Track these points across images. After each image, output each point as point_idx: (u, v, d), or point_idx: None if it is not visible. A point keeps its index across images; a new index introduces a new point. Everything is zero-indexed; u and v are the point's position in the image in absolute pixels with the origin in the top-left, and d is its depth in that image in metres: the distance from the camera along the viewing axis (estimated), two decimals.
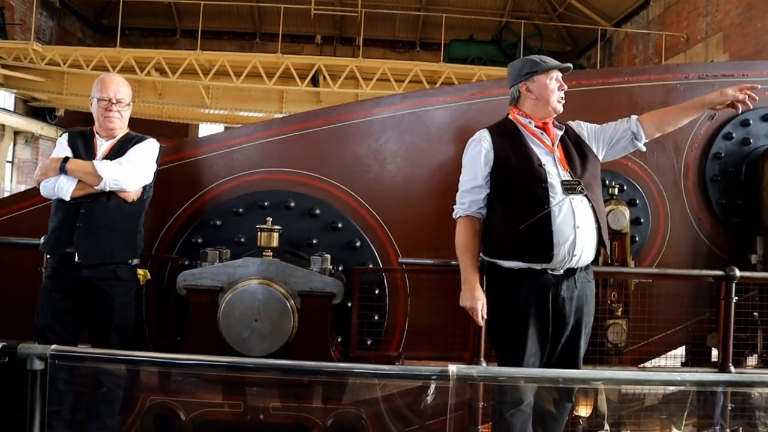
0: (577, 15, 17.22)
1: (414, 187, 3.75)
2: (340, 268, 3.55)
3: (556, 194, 2.69)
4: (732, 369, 3.46)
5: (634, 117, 2.94)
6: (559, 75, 2.85)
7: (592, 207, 2.73)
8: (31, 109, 16.10)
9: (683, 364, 3.92)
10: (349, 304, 3.49)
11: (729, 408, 3.43)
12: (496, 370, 2.70)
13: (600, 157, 2.93)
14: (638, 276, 3.65)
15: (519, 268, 2.72)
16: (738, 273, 3.45)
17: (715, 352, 3.81)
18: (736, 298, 3.47)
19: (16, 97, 15.59)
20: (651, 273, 3.74)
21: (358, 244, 3.66)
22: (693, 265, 3.86)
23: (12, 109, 15.56)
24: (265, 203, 3.64)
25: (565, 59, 3.57)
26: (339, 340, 3.47)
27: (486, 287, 2.84)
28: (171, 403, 3.06)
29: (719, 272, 3.52)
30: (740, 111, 2.92)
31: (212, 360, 2.33)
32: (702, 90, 3.87)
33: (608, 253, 2.80)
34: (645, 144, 2.95)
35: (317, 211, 3.67)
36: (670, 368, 3.49)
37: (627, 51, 16.43)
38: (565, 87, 2.85)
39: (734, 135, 3.98)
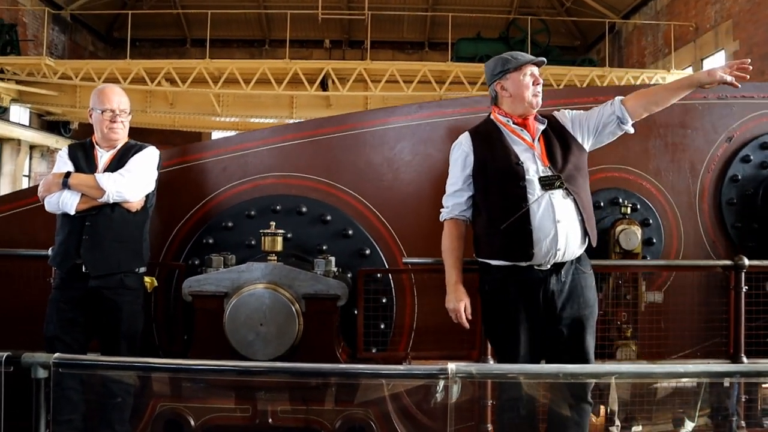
0: (584, 9, 17.12)
1: (426, 196, 3.74)
2: (349, 275, 3.55)
3: (534, 191, 2.69)
4: (744, 359, 3.41)
5: (617, 99, 2.87)
6: (535, 69, 2.83)
7: (574, 200, 2.71)
8: (46, 123, 16.36)
9: None
10: (355, 312, 3.49)
11: (743, 399, 3.40)
12: (494, 367, 2.70)
13: (587, 146, 2.90)
14: (644, 268, 3.60)
15: (506, 266, 2.74)
16: (747, 262, 3.40)
17: None
18: (746, 287, 3.42)
19: (31, 112, 15.86)
20: (660, 265, 3.70)
21: (367, 252, 3.66)
22: (706, 290, 3.75)
23: (27, 123, 15.83)
24: (277, 207, 3.65)
25: (574, 54, 3.51)
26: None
27: (479, 286, 2.87)
28: (180, 409, 3.08)
29: (728, 262, 3.48)
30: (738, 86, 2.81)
31: (222, 365, 2.36)
32: (720, 111, 3.86)
33: (593, 244, 2.75)
34: (633, 126, 2.88)
35: (328, 218, 3.67)
36: (678, 361, 3.44)
37: (636, 43, 16.29)
38: (541, 81, 2.82)
39: (752, 158, 3.87)
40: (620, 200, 3.72)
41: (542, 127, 2.84)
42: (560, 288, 2.72)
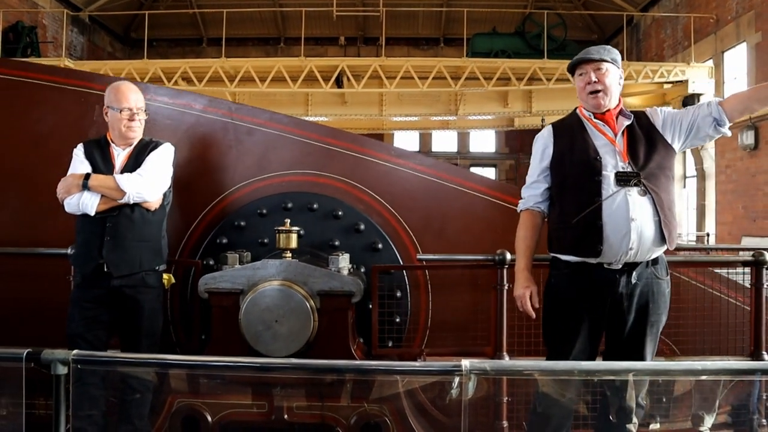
0: (602, 2, 16.92)
1: (438, 190, 3.73)
2: (362, 269, 3.57)
3: (609, 186, 2.64)
4: (766, 356, 3.37)
5: (714, 101, 2.77)
6: (591, 67, 2.75)
7: (652, 199, 2.64)
8: None
9: None
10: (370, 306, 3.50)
11: (765, 397, 3.34)
12: (509, 363, 2.69)
13: (677, 146, 2.80)
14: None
15: (575, 262, 2.70)
16: None
17: None
18: (767, 284, 3.37)
19: None
20: (678, 261, 3.65)
21: (380, 246, 3.66)
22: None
23: None
24: (289, 205, 3.67)
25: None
26: (361, 340, 3.49)
27: (548, 280, 2.84)
28: (197, 405, 3.11)
29: (749, 257, 3.43)
30: None
31: (238, 361, 2.37)
32: None
33: (671, 248, 2.68)
34: (729, 128, 2.78)
35: (340, 213, 3.68)
36: (696, 357, 3.40)
37: (655, 36, 16.08)
38: (594, 79, 2.73)
39: None
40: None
41: (627, 122, 2.78)
42: (630, 291, 2.65)
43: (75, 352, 2.05)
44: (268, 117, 3.81)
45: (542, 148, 2.87)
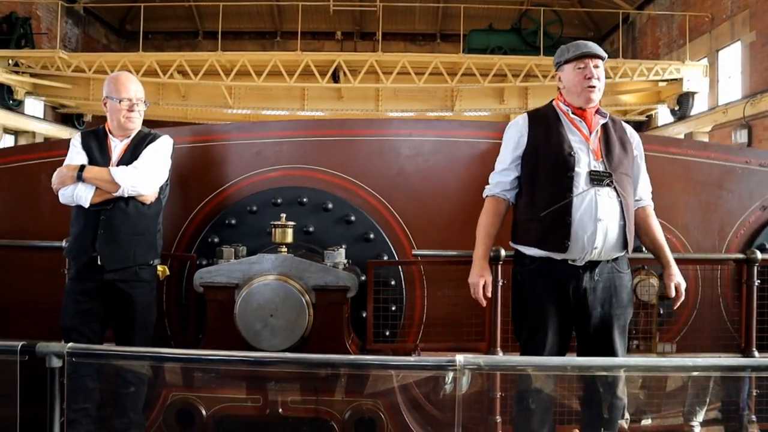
0: None
1: (430, 178, 3.74)
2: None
3: (581, 184, 2.65)
4: (756, 354, 3.40)
5: (644, 202, 2.88)
6: (592, 62, 2.75)
7: (620, 202, 2.67)
8: (60, 115, 16.49)
9: None
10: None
11: (755, 393, 3.38)
12: (503, 359, 2.71)
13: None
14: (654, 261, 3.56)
15: (539, 257, 2.72)
16: (759, 255, 3.39)
17: None
18: (758, 281, 3.40)
19: (45, 105, 15.98)
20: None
21: (371, 236, 3.67)
22: (713, 349, 3.65)
23: (42, 116, 15.96)
24: (278, 200, 3.67)
25: None
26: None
27: (512, 274, 2.86)
28: (192, 399, 3.12)
29: (740, 255, 3.46)
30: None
31: (233, 355, 2.39)
32: (760, 178, 3.77)
33: (629, 251, 2.74)
34: None
35: (330, 206, 3.68)
36: (687, 354, 3.43)
37: (650, 34, 16.12)
38: (594, 74, 2.74)
39: None
40: (642, 250, 3.57)
41: (603, 121, 2.80)
42: (593, 286, 2.69)
43: (70, 345, 2.06)
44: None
45: (517, 136, 2.83)
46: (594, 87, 2.75)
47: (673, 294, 2.78)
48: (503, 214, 2.87)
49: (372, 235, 3.66)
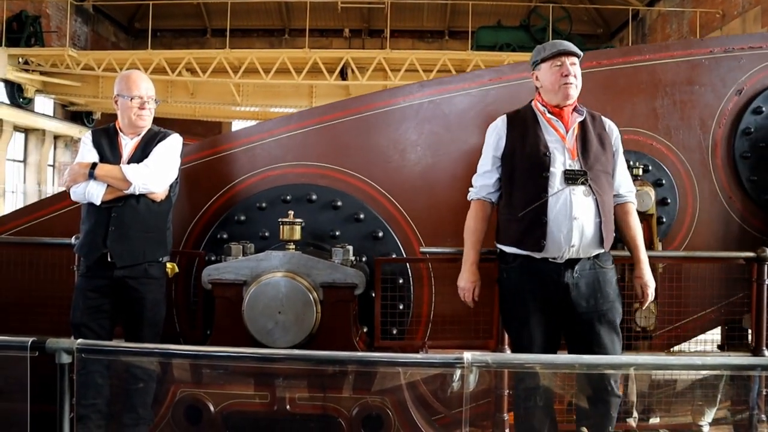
0: None
1: (435, 175, 3.73)
2: (363, 259, 3.58)
3: (556, 184, 2.68)
4: (766, 353, 3.37)
5: (623, 198, 2.88)
6: (568, 60, 2.77)
7: (595, 200, 2.69)
8: (70, 113, 16.61)
9: (720, 348, 3.83)
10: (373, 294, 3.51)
11: (765, 393, 3.35)
12: (511, 356, 2.71)
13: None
14: (666, 260, 3.56)
15: (521, 256, 2.76)
16: None
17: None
18: None
19: (55, 103, 16.10)
20: (679, 256, 3.65)
21: (380, 234, 3.67)
22: (724, 245, 3.72)
23: (51, 114, 16.08)
24: (288, 197, 3.67)
25: (596, 42, 3.44)
26: (365, 329, 3.50)
27: (498, 275, 2.90)
28: (200, 395, 3.13)
29: (751, 254, 3.43)
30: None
31: (241, 352, 2.39)
32: (728, 64, 3.76)
33: (606, 249, 2.76)
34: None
35: (339, 203, 3.69)
36: (696, 353, 3.41)
37: (660, 30, 16.00)
38: (571, 72, 2.76)
39: (764, 109, 3.78)
40: (631, 162, 3.60)
41: (579, 119, 2.81)
42: (575, 282, 2.71)
43: (79, 341, 2.07)
44: None
45: (496, 138, 2.87)
46: (571, 84, 2.76)
47: (640, 295, 2.84)
48: (489, 216, 2.93)
49: (381, 234, 3.66)
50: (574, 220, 2.66)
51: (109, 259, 3.07)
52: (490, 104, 3.66)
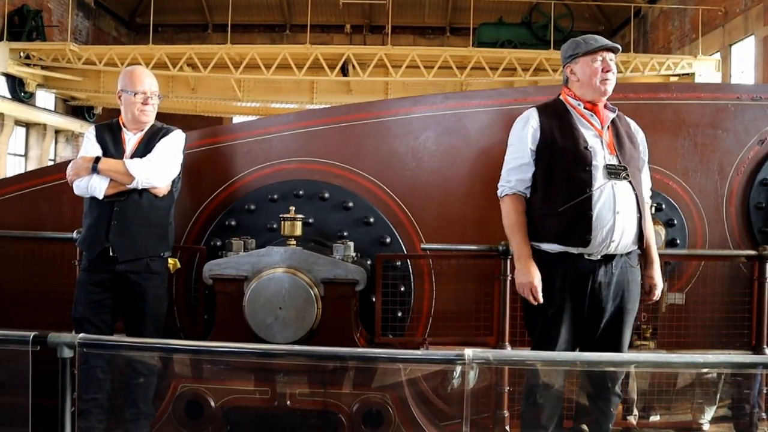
0: None
1: (449, 186, 3.72)
2: (369, 262, 3.57)
3: (599, 178, 2.66)
4: (767, 351, 3.38)
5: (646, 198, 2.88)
6: (608, 55, 2.76)
7: (636, 194, 2.69)
8: (71, 108, 16.58)
9: None
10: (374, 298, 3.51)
11: (765, 391, 3.36)
12: (511, 353, 2.71)
13: None
14: (668, 257, 3.55)
15: (556, 252, 2.70)
16: None
17: None
18: None
19: (56, 97, 16.08)
20: (680, 254, 3.65)
21: (388, 240, 3.66)
22: (728, 293, 3.65)
23: (53, 108, 16.05)
24: (300, 192, 3.66)
25: None
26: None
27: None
28: (201, 390, 3.14)
29: (752, 252, 3.44)
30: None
31: (241, 347, 2.39)
32: (754, 112, 3.73)
33: (642, 241, 2.75)
34: None
35: (350, 204, 3.66)
36: (697, 351, 3.41)
37: (662, 28, 15.98)
38: (612, 68, 2.75)
39: None
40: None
41: (612, 116, 2.80)
42: (608, 280, 2.69)
43: (81, 335, 2.07)
44: None
45: (531, 130, 2.79)
46: (610, 80, 2.76)
47: (647, 292, 2.84)
48: (526, 210, 2.83)
49: (388, 239, 3.65)
50: (617, 215, 2.64)
51: (111, 254, 3.08)
52: (511, 123, 3.63)
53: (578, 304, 2.70)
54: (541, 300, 2.70)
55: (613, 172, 2.66)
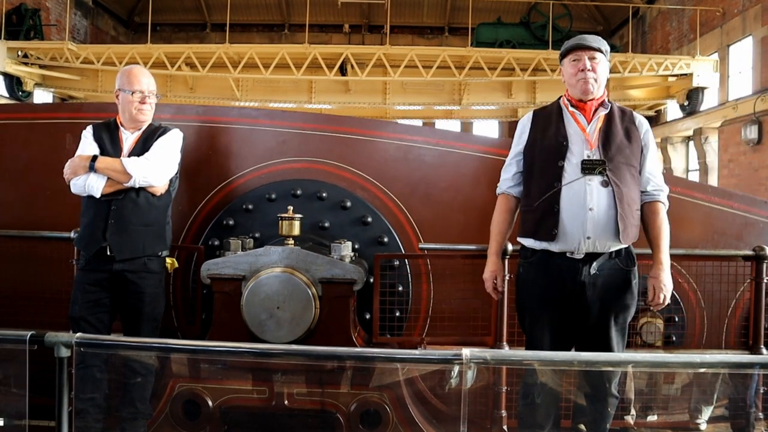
0: None
1: (444, 186, 3.74)
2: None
3: (570, 173, 2.67)
4: (764, 351, 3.38)
5: (652, 197, 2.81)
6: (585, 54, 2.76)
7: (613, 190, 2.66)
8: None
9: None
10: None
11: (762, 391, 3.36)
12: (509, 353, 2.71)
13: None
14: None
15: (540, 250, 2.73)
16: None
17: None
18: (767, 278, 3.38)
19: (54, 96, 16.03)
20: (678, 254, 3.64)
21: (386, 239, 3.66)
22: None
23: None
24: (298, 192, 3.67)
25: None
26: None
27: (518, 269, 2.89)
28: (198, 390, 3.14)
29: (749, 252, 3.44)
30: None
31: (239, 347, 2.39)
32: None
33: (623, 242, 2.68)
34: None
35: (348, 204, 3.67)
36: (694, 350, 3.41)
37: (660, 28, 15.99)
38: (588, 66, 2.74)
39: None
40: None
41: (604, 112, 2.80)
42: (592, 281, 2.68)
43: (78, 335, 2.07)
44: None
45: (520, 133, 2.92)
46: (586, 78, 2.75)
47: (651, 296, 2.76)
48: (514, 210, 2.92)
49: (386, 239, 3.66)
50: (589, 211, 2.64)
51: (108, 253, 3.08)
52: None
53: (562, 303, 2.72)
54: (496, 297, 2.95)
55: (588, 167, 2.66)
